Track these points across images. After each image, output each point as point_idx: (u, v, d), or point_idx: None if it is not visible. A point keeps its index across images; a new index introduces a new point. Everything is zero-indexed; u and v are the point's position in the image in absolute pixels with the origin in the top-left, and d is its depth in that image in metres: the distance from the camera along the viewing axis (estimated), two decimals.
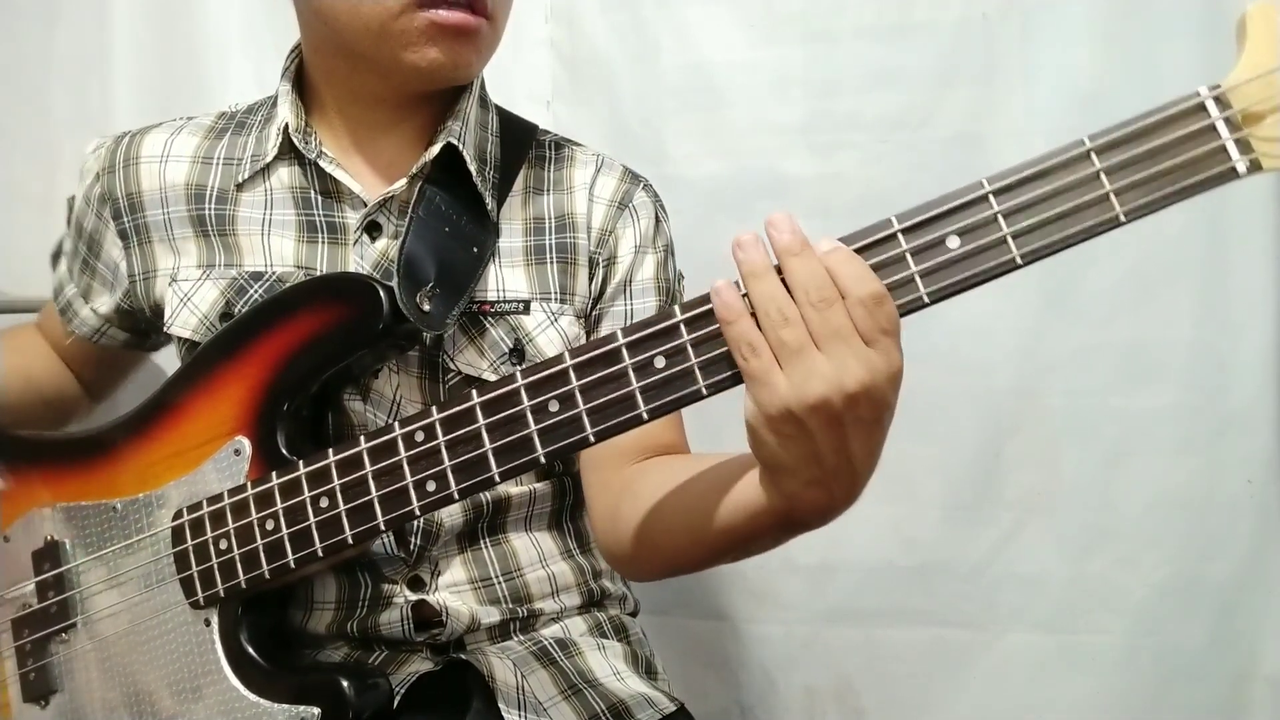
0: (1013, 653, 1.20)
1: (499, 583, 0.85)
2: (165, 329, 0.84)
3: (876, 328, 0.55)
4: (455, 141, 0.82)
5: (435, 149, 0.81)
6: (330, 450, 0.71)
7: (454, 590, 0.84)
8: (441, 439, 0.66)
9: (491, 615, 0.84)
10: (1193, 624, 1.15)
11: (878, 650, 1.23)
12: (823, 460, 0.56)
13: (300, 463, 0.72)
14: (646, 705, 0.83)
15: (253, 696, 0.72)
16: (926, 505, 1.21)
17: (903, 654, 1.22)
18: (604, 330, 0.86)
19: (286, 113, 0.83)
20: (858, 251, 0.57)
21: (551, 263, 0.85)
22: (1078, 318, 1.15)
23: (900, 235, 0.57)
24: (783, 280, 0.56)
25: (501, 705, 0.78)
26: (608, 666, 0.86)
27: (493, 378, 0.81)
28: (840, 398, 0.54)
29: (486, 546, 0.86)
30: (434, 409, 0.67)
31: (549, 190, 0.88)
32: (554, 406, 0.63)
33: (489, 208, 0.83)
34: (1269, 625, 1.14)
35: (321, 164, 0.82)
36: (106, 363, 1.00)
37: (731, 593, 1.27)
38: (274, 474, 0.72)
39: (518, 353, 0.83)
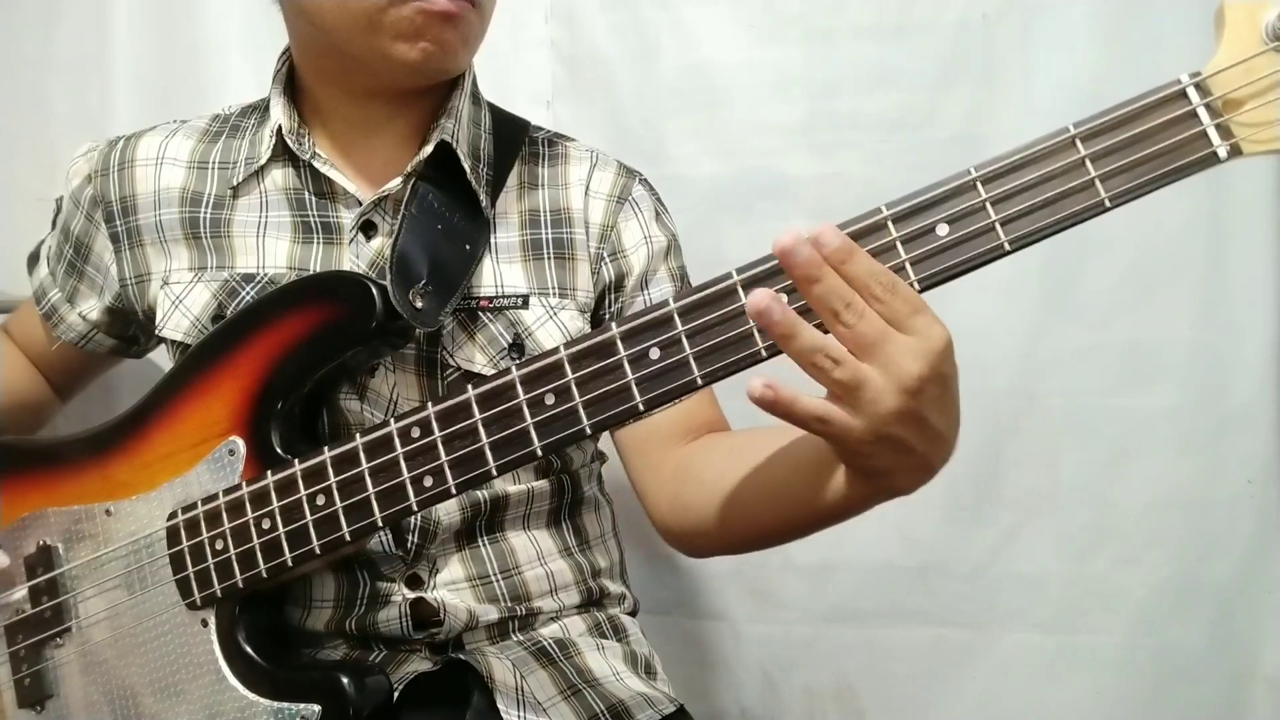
0: (1013, 653, 1.20)
1: (497, 581, 0.85)
2: (157, 331, 0.84)
3: (903, 313, 0.55)
4: (449, 139, 0.82)
5: (429, 147, 0.81)
6: (326, 447, 0.71)
7: (452, 588, 0.83)
8: (438, 434, 0.67)
9: (490, 613, 0.84)
10: (1193, 624, 1.15)
11: (878, 650, 1.23)
12: (914, 450, 0.57)
13: (296, 461, 0.72)
14: (646, 705, 0.83)
15: (252, 695, 0.73)
16: (926, 505, 1.20)
17: (903, 654, 1.22)
18: None
19: (279, 115, 0.83)
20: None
21: (549, 258, 0.85)
22: (1078, 318, 1.15)
23: (890, 224, 0.58)
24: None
25: (501, 705, 0.78)
26: (607, 667, 0.86)
27: (492, 373, 0.81)
28: (907, 399, 0.54)
29: (484, 545, 0.86)
30: (429, 404, 0.67)
31: (544, 186, 0.88)
32: (550, 399, 0.64)
33: (483, 204, 0.84)
34: (1269, 625, 1.14)
35: (315, 165, 0.82)
36: (85, 367, 0.99)
37: (731, 593, 1.27)
38: (269, 472, 0.72)
39: (517, 347, 0.83)
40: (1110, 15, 1.12)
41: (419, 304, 0.76)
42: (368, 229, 0.82)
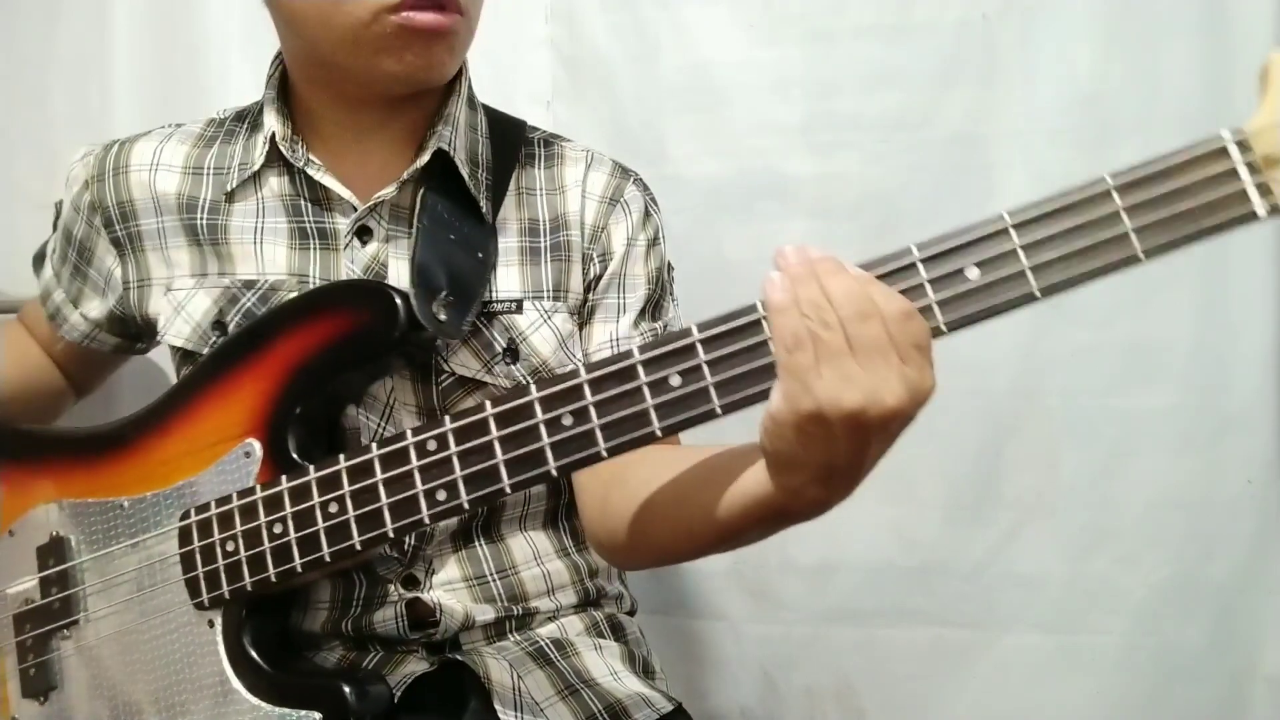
0: (1013, 653, 1.20)
1: (494, 580, 0.85)
2: (159, 338, 0.85)
3: (909, 342, 0.55)
4: (446, 147, 0.82)
5: (426, 156, 0.81)
6: (341, 456, 0.71)
7: (448, 588, 0.84)
8: (454, 449, 0.67)
9: (486, 613, 0.84)
10: (1193, 624, 1.15)
11: (878, 650, 1.23)
12: (835, 463, 0.57)
13: (311, 468, 0.72)
14: (644, 705, 0.83)
15: (254, 699, 0.72)
16: (926, 505, 1.21)
17: (903, 654, 1.22)
18: (596, 322, 0.87)
19: (273, 122, 0.83)
20: (877, 278, 0.57)
21: (547, 262, 0.85)
22: (1078, 318, 1.15)
23: (920, 265, 0.58)
24: None
25: (498, 706, 0.78)
26: (605, 666, 0.86)
27: (487, 379, 0.82)
28: (875, 410, 0.54)
29: (481, 545, 0.86)
30: (447, 419, 0.67)
31: (542, 191, 0.88)
32: (568, 420, 0.63)
33: (484, 210, 0.84)
34: (1269, 625, 1.14)
35: (310, 172, 0.82)
36: (93, 363, 1.00)
37: (731, 593, 1.26)
38: (284, 478, 0.72)
39: (511, 352, 0.83)
40: (1110, 15, 1.12)
41: (442, 316, 0.76)
42: (363, 234, 0.83)
